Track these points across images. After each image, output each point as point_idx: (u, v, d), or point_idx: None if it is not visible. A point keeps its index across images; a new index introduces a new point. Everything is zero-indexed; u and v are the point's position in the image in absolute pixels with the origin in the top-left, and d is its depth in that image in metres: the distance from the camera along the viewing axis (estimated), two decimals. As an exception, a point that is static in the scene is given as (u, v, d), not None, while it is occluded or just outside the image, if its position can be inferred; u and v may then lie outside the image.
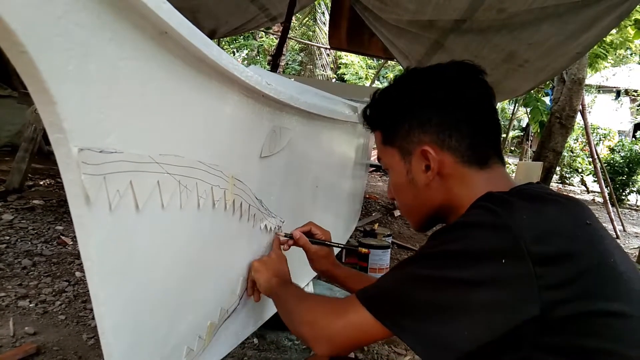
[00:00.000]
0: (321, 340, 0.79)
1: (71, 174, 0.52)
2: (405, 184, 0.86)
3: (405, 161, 0.85)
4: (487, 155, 0.82)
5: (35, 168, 4.04)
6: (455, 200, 0.81)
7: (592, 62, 5.60)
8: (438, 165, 0.81)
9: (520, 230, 0.63)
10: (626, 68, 14.52)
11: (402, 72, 0.93)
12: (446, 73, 0.84)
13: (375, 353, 2.05)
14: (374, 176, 7.74)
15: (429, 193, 0.84)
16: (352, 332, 0.75)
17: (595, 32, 2.60)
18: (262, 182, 1.06)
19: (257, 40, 13.40)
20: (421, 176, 0.83)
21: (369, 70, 13.87)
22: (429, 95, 0.82)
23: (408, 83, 0.87)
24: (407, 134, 0.84)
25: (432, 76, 0.85)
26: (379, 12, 3.21)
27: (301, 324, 0.85)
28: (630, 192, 8.57)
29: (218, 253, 0.95)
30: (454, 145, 0.80)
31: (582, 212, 0.73)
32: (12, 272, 2.31)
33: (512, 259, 0.62)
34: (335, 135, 1.89)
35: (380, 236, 3.02)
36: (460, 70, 0.84)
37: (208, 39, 0.65)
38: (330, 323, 0.78)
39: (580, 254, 0.65)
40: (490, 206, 0.69)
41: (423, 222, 0.90)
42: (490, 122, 0.83)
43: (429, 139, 0.81)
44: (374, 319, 0.72)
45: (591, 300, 0.63)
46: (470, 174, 0.81)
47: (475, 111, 0.82)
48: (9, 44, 0.42)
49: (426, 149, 0.81)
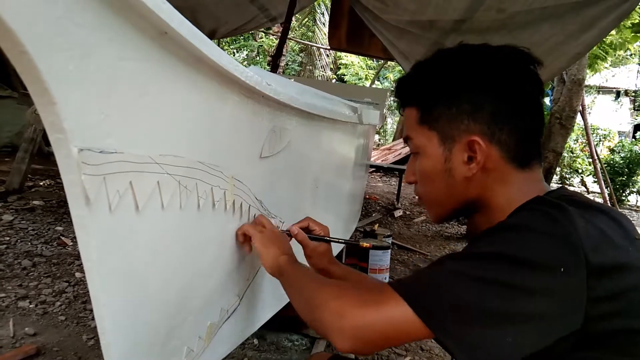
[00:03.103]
0: (346, 332, 0.69)
1: (71, 174, 0.52)
2: (439, 173, 0.78)
3: (445, 148, 0.77)
4: (531, 155, 0.77)
5: (35, 169, 4.05)
6: (490, 197, 0.76)
7: (591, 62, 5.60)
8: (484, 159, 0.74)
9: (580, 239, 0.60)
10: (625, 69, 14.53)
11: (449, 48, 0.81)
12: (507, 59, 0.76)
13: (375, 353, 2.04)
14: (374, 177, 7.74)
15: (465, 186, 0.77)
16: (385, 327, 0.67)
17: (595, 32, 2.60)
18: (262, 182, 1.06)
19: (257, 41, 13.41)
20: (462, 167, 0.76)
21: (368, 71, 13.88)
22: (488, 79, 0.74)
23: (463, 61, 0.77)
24: (454, 118, 0.75)
25: (492, 59, 0.76)
26: (378, 13, 3.21)
27: (323, 310, 0.74)
28: (631, 192, 8.57)
29: (218, 253, 0.94)
30: (504, 140, 0.74)
31: (630, 225, 0.69)
32: (12, 272, 2.31)
33: (570, 269, 0.59)
34: (335, 135, 1.89)
35: (380, 237, 3.02)
36: (521, 58, 0.76)
37: (208, 40, 0.64)
38: (361, 315, 0.68)
39: (631, 269, 0.62)
40: (548, 210, 0.64)
41: (447, 214, 0.83)
42: (540, 121, 0.78)
43: (479, 128, 0.74)
44: (415, 317, 0.64)
45: (633, 318, 0.60)
46: (511, 173, 0.75)
47: (531, 106, 0.76)
48: (9, 44, 0.42)
49: (475, 139, 0.73)
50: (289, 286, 0.90)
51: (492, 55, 0.76)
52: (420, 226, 4.76)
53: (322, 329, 0.74)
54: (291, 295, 0.89)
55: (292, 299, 0.88)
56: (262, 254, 0.97)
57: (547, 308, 0.59)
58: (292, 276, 0.90)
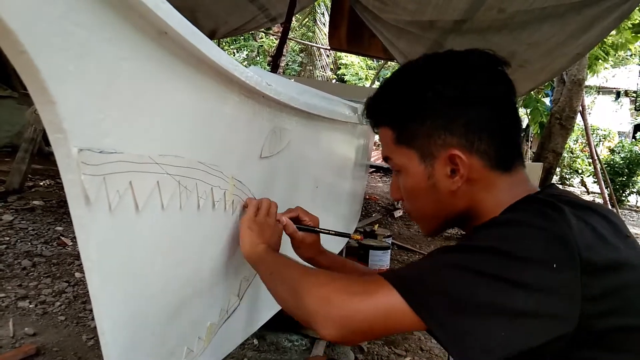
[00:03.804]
0: (333, 320, 0.67)
1: (71, 174, 0.52)
2: (424, 189, 0.77)
3: (426, 165, 0.75)
4: (513, 158, 0.76)
5: (35, 169, 4.04)
6: (479, 206, 0.75)
7: (591, 63, 5.60)
8: (468, 171, 0.73)
9: (575, 238, 0.60)
10: (626, 69, 14.53)
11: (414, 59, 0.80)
12: (473, 64, 0.75)
13: (375, 354, 2.04)
14: (374, 177, 7.74)
15: (452, 199, 0.76)
16: (375, 316, 0.65)
17: (596, 32, 2.60)
18: (262, 182, 1.06)
19: (257, 41, 13.41)
20: (446, 181, 0.75)
21: (368, 71, 13.87)
22: (457, 90, 0.72)
23: (429, 73, 0.75)
24: (430, 133, 0.74)
25: (458, 67, 0.74)
26: (378, 13, 3.21)
27: (308, 297, 0.71)
28: (630, 193, 8.58)
29: (218, 254, 0.94)
30: (483, 149, 0.73)
31: (619, 221, 0.69)
32: (12, 272, 2.31)
33: (564, 266, 0.59)
34: (335, 135, 1.89)
35: (380, 237, 3.02)
36: (488, 61, 0.75)
37: (208, 40, 0.64)
38: (350, 302, 0.66)
39: (624, 266, 0.62)
40: (542, 209, 0.64)
41: (438, 228, 0.83)
42: (516, 122, 0.76)
43: (457, 141, 0.72)
44: (406, 306, 0.63)
45: (629, 315, 0.60)
46: (496, 179, 0.74)
47: (504, 109, 0.74)
48: (9, 43, 0.42)
49: (455, 153, 0.72)
50: (269, 274, 0.86)
51: (458, 63, 0.75)
52: (420, 226, 4.75)
53: (306, 316, 0.71)
54: (271, 283, 0.85)
55: (272, 288, 0.84)
56: (243, 236, 0.93)
57: (542, 305, 0.58)
58: (271, 264, 0.87)
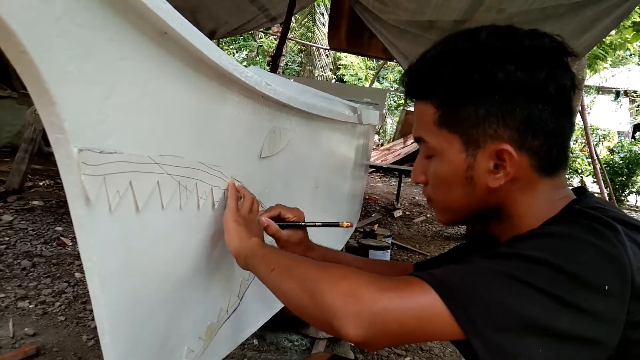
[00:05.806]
0: (362, 318, 0.58)
1: (71, 174, 0.52)
2: (459, 180, 0.69)
3: (468, 154, 0.67)
4: (560, 162, 0.68)
5: (34, 169, 4.05)
6: (511, 207, 0.69)
7: (591, 63, 5.60)
8: (515, 170, 0.65)
9: (630, 260, 0.56)
10: (625, 69, 14.54)
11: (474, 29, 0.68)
12: (543, 50, 0.64)
13: (375, 354, 2.04)
14: (373, 177, 7.75)
15: (486, 195, 0.68)
16: (407, 317, 0.57)
17: (595, 32, 2.60)
18: (261, 182, 1.06)
19: (257, 41, 13.41)
20: (486, 177, 0.67)
21: (368, 71, 13.88)
22: (524, 76, 0.62)
23: (501, 49, 0.64)
24: (481, 121, 0.65)
25: (527, 51, 0.63)
26: (378, 13, 3.22)
27: (329, 293, 0.61)
28: (630, 192, 8.57)
29: (217, 254, 0.94)
30: (536, 147, 0.65)
31: None
32: (12, 273, 2.31)
33: (616, 291, 0.55)
34: (334, 135, 1.89)
35: (380, 237, 3.03)
36: (559, 49, 0.65)
37: (208, 40, 0.65)
38: (380, 298, 0.58)
39: None
40: (592, 225, 0.59)
41: (460, 221, 0.75)
42: (572, 124, 0.69)
43: (509, 134, 0.64)
44: (445, 311, 0.56)
45: None
46: (537, 182, 0.67)
47: (566, 107, 0.66)
48: (9, 44, 0.42)
49: (506, 149, 0.64)
50: (270, 270, 0.75)
51: (527, 47, 0.64)
52: (420, 226, 4.76)
53: (326, 315, 0.61)
54: (274, 280, 0.73)
55: (276, 285, 0.73)
56: (229, 229, 0.84)
57: (587, 329, 0.55)
58: (272, 258, 0.77)
